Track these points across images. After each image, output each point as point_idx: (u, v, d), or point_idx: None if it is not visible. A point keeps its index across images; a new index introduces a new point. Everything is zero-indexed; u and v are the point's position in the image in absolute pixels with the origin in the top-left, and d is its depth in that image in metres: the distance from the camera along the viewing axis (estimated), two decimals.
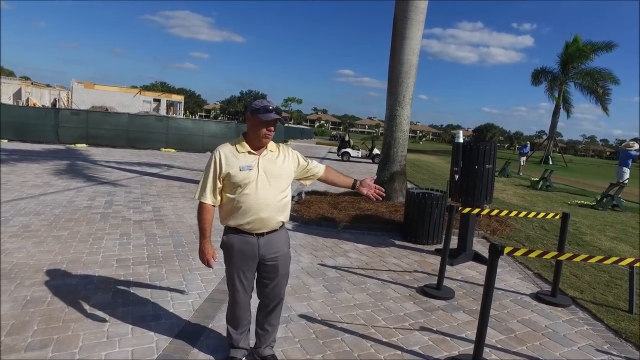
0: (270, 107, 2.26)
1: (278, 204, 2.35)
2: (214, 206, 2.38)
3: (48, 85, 47.06)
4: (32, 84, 43.58)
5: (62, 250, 4.43)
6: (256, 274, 2.50)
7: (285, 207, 2.42)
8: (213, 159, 2.33)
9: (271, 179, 2.33)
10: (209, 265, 2.41)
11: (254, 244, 2.37)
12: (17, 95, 38.53)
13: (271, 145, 2.42)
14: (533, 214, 4.12)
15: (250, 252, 2.38)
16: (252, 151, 2.34)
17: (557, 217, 3.97)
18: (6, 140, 16.02)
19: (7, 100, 35.97)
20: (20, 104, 32.12)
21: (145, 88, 61.37)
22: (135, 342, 2.78)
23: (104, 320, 3.02)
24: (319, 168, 2.64)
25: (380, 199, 2.73)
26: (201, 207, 2.36)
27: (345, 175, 2.74)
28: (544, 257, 2.54)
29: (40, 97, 39.79)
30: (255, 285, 2.56)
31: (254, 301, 2.63)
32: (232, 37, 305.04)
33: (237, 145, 2.36)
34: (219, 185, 2.33)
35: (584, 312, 3.82)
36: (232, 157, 2.31)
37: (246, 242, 2.36)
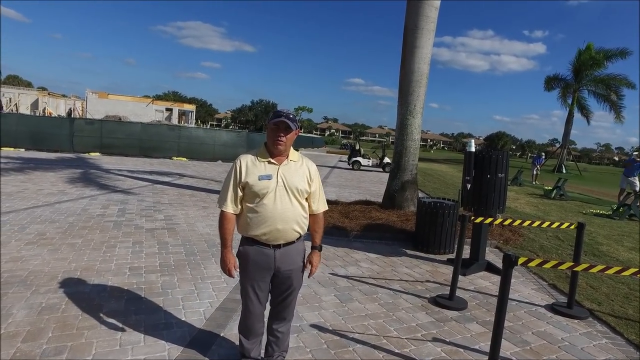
0: (281, 112, 2.24)
1: (296, 216, 2.33)
2: (235, 215, 2.36)
3: (64, 96, 48.10)
4: (48, 94, 44.60)
5: (76, 258, 4.49)
6: (270, 284, 2.48)
7: (303, 219, 2.39)
8: (234, 167, 2.33)
9: (290, 189, 2.30)
10: (230, 274, 2.40)
11: (269, 255, 2.34)
12: (35, 105, 39.45)
13: (293, 154, 2.39)
14: (547, 223, 4.06)
15: (265, 264, 2.36)
16: (273, 161, 2.31)
17: (573, 227, 3.90)
18: (23, 149, 16.37)
19: (25, 110, 36.84)
20: (37, 114, 32.86)
21: (158, 97, 62.31)
22: (148, 350, 2.80)
23: (116, 328, 3.05)
24: (317, 206, 2.49)
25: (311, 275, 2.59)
26: (222, 215, 2.35)
27: (319, 236, 2.55)
28: (559, 267, 2.49)
29: (56, 107, 40.67)
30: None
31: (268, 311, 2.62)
32: (243, 46, 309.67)
33: (258, 155, 2.34)
34: (240, 193, 2.32)
35: (603, 325, 3.72)
36: (252, 166, 2.30)
37: (262, 253, 2.34)
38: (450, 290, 4.01)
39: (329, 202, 8.37)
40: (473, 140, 5.23)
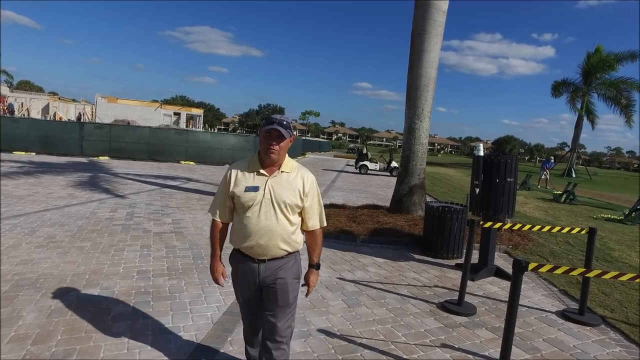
0: (274, 119, 2.07)
1: (282, 232, 2.14)
2: (224, 223, 2.28)
3: (74, 100, 48.77)
4: (59, 99, 45.26)
5: (85, 261, 4.52)
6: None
7: (291, 236, 2.18)
8: (225, 176, 2.22)
9: (277, 203, 2.11)
10: (217, 282, 2.36)
11: (254, 268, 2.21)
12: (46, 110, 40.02)
13: (287, 164, 2.18)
14: (558, 228, 4.01)
15: (250, 277, 2.23)
16: (262, 171, 2.13)
17: (584, 232, 3.85)
18: (34, 153, 16.58)
19: (36, 114, 37.37)
20: (48, 119, 33.33)
21: (166, 102, 62.83)
22: (155, 354, 2.80)
23: (124, 332, 3.05)
24: (313, 222, 2.26)
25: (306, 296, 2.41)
26: (211, 223, 2.30)
27: (316, 254, 2.35)
28: (570, 273, 2.45)
29: (66, 112, 41.21)
30: None
31: None
32: (251, 51, 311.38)
33: (249, 164, 2.19)
34: (229, 203, 2.21)
35: (616, 333, 3.66)
36: (241, 176, 2.15)
37: (247, 265, 2.22)
38: (459, 295, 3.97)
39: (336, 206, 8.49)
40: (482, 145, 5.19)
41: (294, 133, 2.22)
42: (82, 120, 32.39)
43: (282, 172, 2.15)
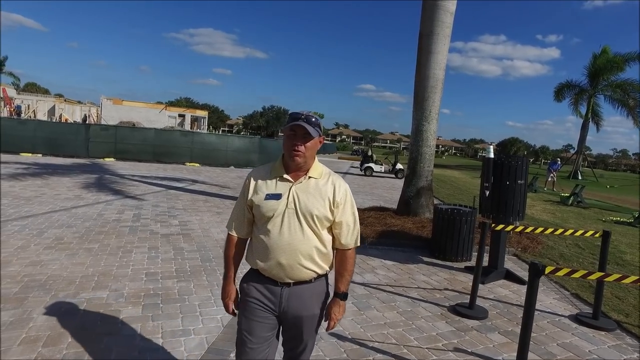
0: (299, 114, 1.77)
1: (309, 249, 1.79)
2: (241, 239, 1.95)
3: (79, 102, 49.06)
4: (65, 100, 45.52)
5: (93, 263, 4.51)
6: (280, 327, 1.94)
7: (320, 254, 1.83)
8: (244, 184, 1.93)
9: (303, 214, 1.78)
10: (227, 310, 1.99)
11: (276, 293, 1.84)
12: (52, 111, 40.26)
13: (316, 169, 1.85)
14: (570, 231, 3.95)
15: (269, 304, 1.85)
16: (287, 176, 1.83)
17: (597, 235, 3.79)
18: (40, 155, 16.67)
19: (42, 116, 37.61)
20: (54, 120, 33.53)
21: (171, 104, 63.16)
22: (166, 357, 2.78)
23: (135, 335, 3.04)
24: (346, 239, 1.88)
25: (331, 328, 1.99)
26: (227, 238, 1.98)
27: (345, 281, 1.94)
28: (588, 278, 2.41)
29: (72, 113, 41.44)
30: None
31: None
32: (255, 53, 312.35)
33: (272, 168, 1.88)
34: (248, 215, 1.89)
35: (632, 338, 3.59)
36: (262, 182, 1.85)
37: (267, 288, 1.85)
38: (470, 298, 3.92)
39: None
40: (492, 147, 5.14)
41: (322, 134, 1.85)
42: (87, 122, 32.55)
43: (309, 177, 1.83)
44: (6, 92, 35.58)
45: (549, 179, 20.82)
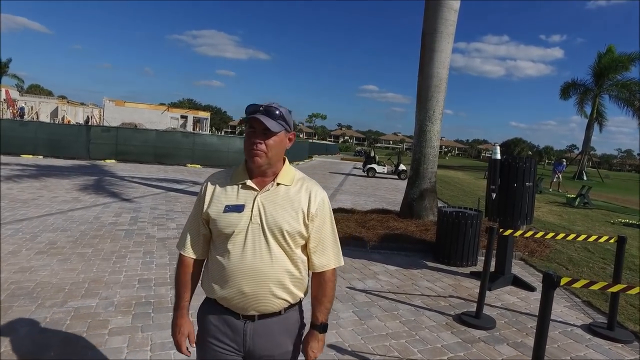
0: (257, 105, 1.44)
1: (278, 273, 1.44)
2: (196, 260, 1.59)
3: (82, 104, 49.12)
4: (67, 102, 45.59)
5: (85, 269, 4.35)
6: None
7: (293, 278, 1.48)
8: (199, 193, 1.58)
9: (270, 230, 1.43)
10: (180, 350, 1.60)
11: (238, 329, 1.48)
12: (54, 113, 40.32)
13: (287, 175, 1.50)
14: (583, 236, 3.76)
15: (230, 342, 1.49)
16: (251, 183, 1.48)
17: (612, 240, 3.60)
18: (41, 157, 16.59)
19: (45, 118, 37.65)
20: (57, 122, 33.54)
21: (173, 105, 63.23)
22: None
23: (122, 347, 2.87)
24: (321, 260, 1.53)
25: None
26: (178, 259, 1.60)
27: (323, 309, 1.57)
28: (608, 290, 2.21)
29: (75, 115, 41.48)
30: None
31: None
32: (258, 54, 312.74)
33: (233, 174, 1.54)
34: (204, 230, 1.54)
35: None
36: (221, 190, 1.50)
37: (226, 324, 1.49)
38: (477, 307, 3.74)
39: (344, 210, 8.27)
40: (498, 147, 4.95)
41: (290, 128, 1.50)
42: (89, 124, 32.56)
43: (278, 184, 1.48)
44: (9, 94, 35.64)
45: (554, 180, 20.56)
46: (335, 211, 8.08)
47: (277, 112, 1.42)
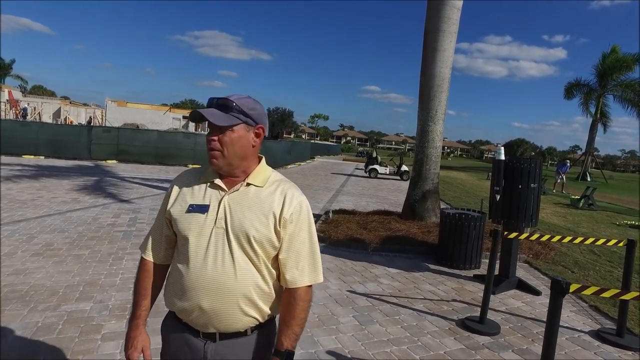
0: (212, 99, 1.30)
1: (243, 286, 1.25)
2: (158, 265, 1.43)
3: (84, 104, 49.20)
4: (70, 103, 45.65)
5: (81, 271, 4.27)
6: None
7: (262, 295, 1.29)
8: (167, 190, 1.43)
9: (236, 235, 1.25)
10: None
11: (197, 351, 1.30)
12: (57, 114, 40.38)
13: (260, 175, 1.34)
14: (591, 239, 3.65)
15: None
16: (219, 182, 1.32)
17: (622, 244, 3.49)
18: (42, 157, 16.56)
19: (48, 118, 37.70)
20: (59, 122, 33.57)
21: (175, 106, 63.29)
22: None
23: (114, 354, 2.78)
24: (293, 274, 1.30)
25: None
26: (139, 263, 1.46)
27: (290, 334, 1.29)
28: (621, 297, 2.11)
29: (77, 116, 41.53)
30: None
31: None
32: (260, 55, 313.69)
33: (204, 171, 1.39)
34: (167, 231, 1.38)
35: None
36: (187, 189, 1.35)
37: (186, 343, 1.32)
38: (481, 312, 3.63)
39: (346, 212, 8.18)
40: (502, 148, 4.85)
41: (246, 119, 1.29)
42: (92, 124, 32.59)
43: (248, 185, 1.31)
44: (12, 94, 35.71)
45: (558, 181, 20.41)
46: (337, 212, 7.98)
47: (234, 104, 1.25)
